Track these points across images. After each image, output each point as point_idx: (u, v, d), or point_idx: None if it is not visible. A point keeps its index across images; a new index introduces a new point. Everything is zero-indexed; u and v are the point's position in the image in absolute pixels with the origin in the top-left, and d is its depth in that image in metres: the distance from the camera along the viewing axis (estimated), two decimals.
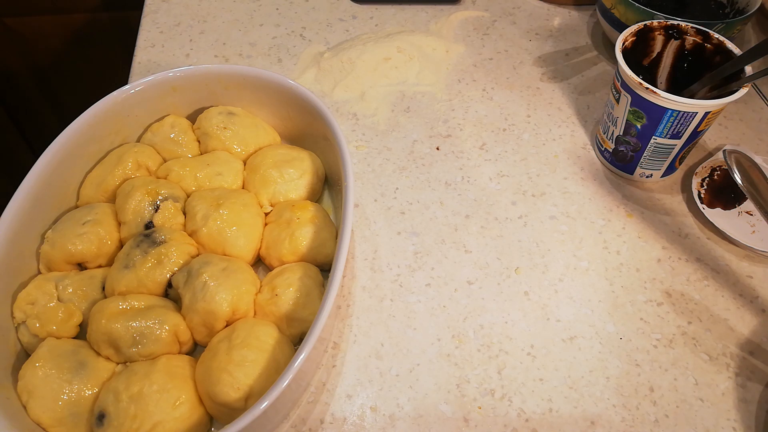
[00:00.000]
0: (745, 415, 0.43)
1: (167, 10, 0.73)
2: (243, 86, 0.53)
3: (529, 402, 0.44)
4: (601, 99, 0.65)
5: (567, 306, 0.49)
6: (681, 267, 0.52)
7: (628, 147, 0.55)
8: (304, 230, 0.47)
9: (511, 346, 0.46)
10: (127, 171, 0.49)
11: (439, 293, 0.49)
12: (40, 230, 0.46)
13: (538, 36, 0.73)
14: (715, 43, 0.54)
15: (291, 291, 0.43)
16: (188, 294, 0.42)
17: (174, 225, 0.47)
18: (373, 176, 0.57)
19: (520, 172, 0.58)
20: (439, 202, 0.55)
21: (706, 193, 0.55)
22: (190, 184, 0.50)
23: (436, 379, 0.44)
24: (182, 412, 0.38)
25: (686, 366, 0.46)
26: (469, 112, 0.63)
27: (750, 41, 0.73)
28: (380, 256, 0.51)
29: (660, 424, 0.43)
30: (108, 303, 0.42)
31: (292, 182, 0.50)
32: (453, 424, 0.42)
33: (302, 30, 0.71)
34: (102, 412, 0.38)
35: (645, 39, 0.56)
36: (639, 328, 0.48)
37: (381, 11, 0.74)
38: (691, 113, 0.49)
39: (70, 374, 0.39)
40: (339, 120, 0.62)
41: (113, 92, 0.50)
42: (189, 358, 0.42)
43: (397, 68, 0.66)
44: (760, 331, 0.48)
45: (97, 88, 0.61)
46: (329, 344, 0.46)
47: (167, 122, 0.53)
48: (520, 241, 0.53)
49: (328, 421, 0.42)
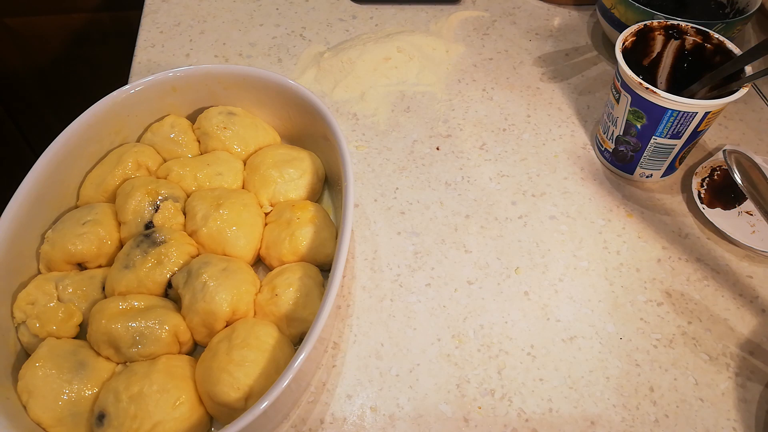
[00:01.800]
0: (745, 415, 0.43)
1: (167, 10, 0.73)
2: (243, 86, 0.53)
3: (529, 402, 0.44)
4: (601, 99, 0.65)
5: (567, 306, 0.49)
6: (681, 267, 0.52)
7: (628, 147, 0.55)
8: (304, 230, 0.47)
9: (511, 346, 0.46)
10: (127, 171, 0.49)
11: (439, 293, 0.49)
12: (40, 230, 0.46)
13: (538, 36, 0.73)
14: (715, 43, 0.54)
15: (291, 291, 0.43)
16: (188, 294, 0.42)
17: (174, 225, 0.47)
18: (373, 176, 0.57)
19: (520, 172, 0.58)
20: (439, 202, 0.55)
21: (706, 193, 0.55)
22: (190, 184, 0.50)
23: (436, 379, 0.44)
24: (182, 412, 0.38)
25: (686, 366, 0.46)
26: (469, 112, 0.63)
27: (750, 41, 0.73)
28: (380, 256, 0.51)
29: (660, 424, 0.43)
30: (108, 303, 0.42)
31: (292, 182, 0.51)
32: (453, 424, 0.42)
33: (302, 30, 0.71)
34: (102, 412, 0.38)
35: (645, 39, 0.56)
36: (639, 328, 0.48)
37: (381, 11, 0.74)
38: (691, 113, 0.49)
39: (70, 374, 0.39)
40: (339, 120, 0.62)
41: (113, 92, 0.50)
42: (189, 358, 0.42)
43: (397, 68, 0.66)
44: (760, 331, 0.48)
45: (97, 88, 0.61)
46: (329, 344, 0.46)
47: (167, 122, 0.53)
48: (520, 241, 0.53)
49: (328, 421, 0.42)
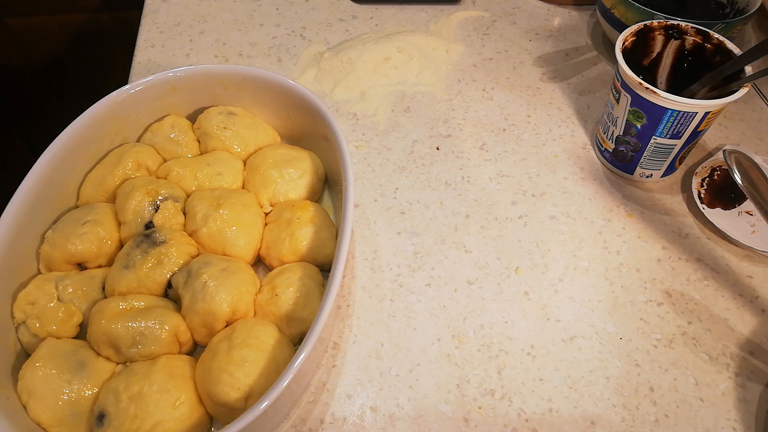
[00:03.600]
0: (745, 415, 0.43)
1: (167, 10, 0.73)
2: (243, 86, 0.53)
3: (529, 402, 0.43)
4: (601, 99, 0.65)
5: (567, 306, 0.49)
6: (681, 267, 0.52)
7: (628, 147, 0.55)
8: (304, 230, 0.47)
9: (511, 346, 0.46)
10: (127, 171, 0.49)
11: (439, 293, 0.49)
12: (40, 230, 0.46)
13: (538, 36, 0.73)
14: (715, 43, 0.54)
15: (291, 291, 0.43)
16: (188, 294, 0.42)
17: (174, 225, 0.47)
18: (373, 176, 0.57)
19: (520, 172, 0.58)
20: (439, 202, 0.55)
21: (706, 193, 0.55)
22: (190, 184, 0.50)
23: (436, 379, 0.44)
24: (182, 412, 0.38)
25: (686, 366, 0.46)
26: (469, 112, 0.63)
27: (750, 41, 0.73)
28: (380, 256, 0.51)
29: (660, 424, 0.43)
30: (108, 303, 0.42)
31: (292, 182, 0.51)
32: (453, 424, 0.42)
33: (302, 30, 0.71)
34: (102, 412, 0.38)
35: (645, 39, 0.56)
36: (639, 328, 0.48)
37: (381, 11, 0.74)
38: (691, 113, 0.49)
39: (70, 374, 0.39)
40: (339, 120, 0.62)
41: (113, 92, 0.50)
42: (189, 358, 0.42)
43: (397, 68, 0.66)
44: (760, 331, 0.48)
45: (97, 88, 0.61)
46: (329, 344, 0.46)
47: (167, 122, 0.53)
48: (520, 241, 0.53)
49: (328, 421, 0.42)
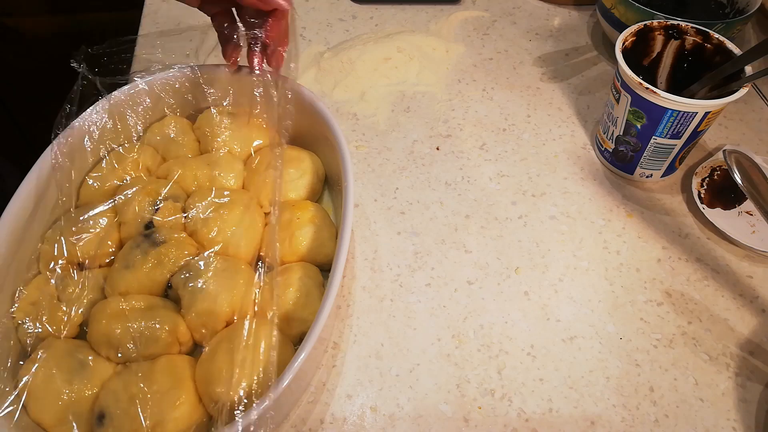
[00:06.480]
0: (745, 415, 0.43)
1: (167, 10, 0.73)
2: (243, 86, 0.53)
3: (529, 402, 0.43)
4: (601, 99, 0.65)
5: (567, 306, 0.49)
6: (681, 267, 0.52)
7: (628, 147, 0.55)
8: (304, 230, 0.47)
9: (511, 346, 0.46)
10: (127, 171, 0.49)
11: (439, 293, 0.49)
12: (40, 230, 0.46)
13: (538, 36, 0.73)
14: (715, 43, 0.54)
15: (291, 291, 0.43)
16: (188, 294, 0.42)
17: (174, 225, 0.47)
18: (373, 176, 0.57)
19: (520, 172, 0.58)
20: (439, 202, 0.55)
21: (706, 193, 0.55)
22: (190, 184, 0.50)
23: (436, 379, 0.44)
24: (182, 412, 0.38)
25: (686, 366, 0.46)
26: (469, 112, 0.63)
27: (750, 41, 0.73)
28: (380, 256, 0.51)
29: (660, 424, 0.43)
30: (108, 303, 0.42)
31: (292, 182, 0.50)
32: (453, 424, 0.42)
33: (302, 30, 0.71)
34: (102, 412, 0.38)
35: (645, 39, 0.56)
36: (639, 328, 0.48)
37: (381, 11, 0.74)
38: (691, 113, 0.49)
39: (70, 374, 0.39)
40: (339, 120, 0.62)
41: (113, 92, 0.50)
42: (189, 358, 0.42)
43: (397, 68, 0.66)
44: (760, 331, 0.48)
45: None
46: (329, 344, 0.46)
47: (167, 122, 0.53)
48: (520, 241, 0.53)
49: (328, 421, 0.42)
